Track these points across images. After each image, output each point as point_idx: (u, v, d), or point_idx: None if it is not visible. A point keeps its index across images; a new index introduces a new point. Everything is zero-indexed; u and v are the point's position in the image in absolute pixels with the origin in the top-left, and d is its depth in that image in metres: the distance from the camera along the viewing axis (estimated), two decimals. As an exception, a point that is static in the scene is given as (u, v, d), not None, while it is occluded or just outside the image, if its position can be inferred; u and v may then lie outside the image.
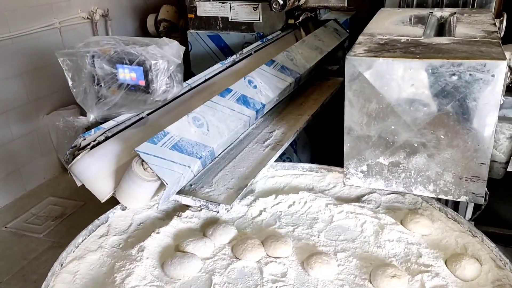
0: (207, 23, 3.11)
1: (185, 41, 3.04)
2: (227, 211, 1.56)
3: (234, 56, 2.37)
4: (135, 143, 1.51)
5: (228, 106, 1.79)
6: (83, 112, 1.74)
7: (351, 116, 1.50)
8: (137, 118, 1.75)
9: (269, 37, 2.80)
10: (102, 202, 1.58)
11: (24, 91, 3.50)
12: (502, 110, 1.70)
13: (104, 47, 1.63)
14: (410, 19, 1.90)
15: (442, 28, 1.92)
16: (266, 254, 1.48)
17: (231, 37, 3.08)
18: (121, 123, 1.68)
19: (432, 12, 2.01)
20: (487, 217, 2.12)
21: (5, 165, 3.44)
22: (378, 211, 1.67)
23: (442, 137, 1.42)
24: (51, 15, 3.63)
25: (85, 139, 1.54)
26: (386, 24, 1.83)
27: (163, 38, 1.71)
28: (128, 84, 1.64)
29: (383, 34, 1.65)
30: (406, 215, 1.62)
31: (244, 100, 1.88)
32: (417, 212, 1.65)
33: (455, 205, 2.10)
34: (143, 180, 1.45)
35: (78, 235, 1.56)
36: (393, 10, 2.17)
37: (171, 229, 1.60)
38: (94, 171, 1.55)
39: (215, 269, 1.43)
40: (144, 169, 1.43)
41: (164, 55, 1.61)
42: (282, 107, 2.35)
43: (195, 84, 2.06)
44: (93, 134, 1.57)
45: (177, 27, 4.20)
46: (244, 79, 1.97)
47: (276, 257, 1.46)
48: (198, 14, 3.11)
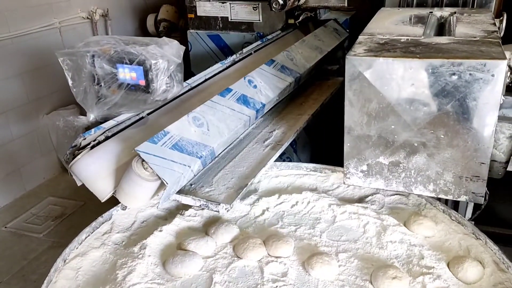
0: (207, 23, 3.11)
1: (185, 41, 3.04)
2: (227, 210, 1.56)
3: (234, 56, 2.37)
4: (135, 142, 1.51)
5: (228, 105, 1.79)
6: (83, 112, 1.74)
7: (351, 115, 1.50)
8: (137, 117, 1.75)
9: (269, 37, 2.80)
10: (102, 201, 1.58)
11: (24, 91, 3.50)
12: (502, 109, 1.70)
13: (104, 47, 1.63)
14: (410, 19, 1.90)
15: (442, 28, 1.92)
16: (268, 254, 1.48)
17: (231, 37, 3.08)
18: (121, 123, 1.68)
19: (432, 12, 2.01)
20: (487, 216, 2.12)
21: (5, 165, 3.44)
22: (381, 212, 1.67)
23: (442, 136, 1.42)
24: (51, 15, 3.63)
25: (85, 139, 1.54)
26: (386, 24, 1.83)
27: (163, 37, 1.71)
28: (128, 84, 1.64)
29: (383, 34, 1.65)
30: (409, 217, 1.61)
31: (244, 100, 1.88)
32: (421, 214, 1.64)
33: (455, 205, 2.10)
34: (143, 179, 1.45)
35: (82, 231, 1.57)
36: (393, 10, 2.17)
37: (173, 227, 1.61)
38: (94, 171, 1.55)
39: (216, 268, 1.43)
40: (144, 168, 1.43)
41: (164, 54, 1.61)
42: (282, 107, 2.35)
43: (195, 84, 2.06)
44: (93, 133, 1.57)
45: (177, 27, 4.20)
46: (244, 78, 1.97)
47: (277, 257, 1.46)
48: (198, 14, 3.11)
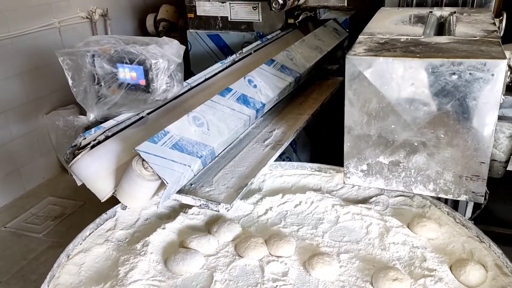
0: (207, 22, 3.11)
1: (184, 41, 3.04)
2: (228, 210, 1.56)
3: (234, 56, 2.37)
4: (136, 142, 1.50)
5: (228, 105, 1.79)
6: (83, 112, 1.74)
7: (351, 115, 1.50)
8: (137, 117, 1.75)
9: (268, 36, 2.80)
10: (102, 201, 1.58)
11: (24, 91, 3.50)
12: (502, 109, 1.70)
13: (104, 46, 1.63)
14: (410, 19, 1.90)
15: (441, 28, 1.92)
16: (269, 253, 1.48)
17: (230, 37, 3.08)
18: (121, 123, 1.68)
19: (431, 12, 2.01)
20: (486, 216, 2.12)
21: (5, 165, 3.44)
22: (385, 213, 1.66)
23: (442, 136, 1.42)
24: (51, 14, 3.62)
25: (85, 139, 1.54)
26: (386, 24, 1.83)
27: (163, 37, 1.71)
28: (128, 84, 1.64)
29: (383, 34, 1.65)
30: (413, 218, 1.60)
31: (244, 100, 1.88)
32: (425, 216, 1.63)
33: (455, 204, 2.10)
34: (144, 179, 1.45)
35: (86, 228, 1.58)
36: (392, 9, 2.17)
37: (176, 225, 1.61)
38: (94, 171, 1.55)
39: (217, 266, 1.44)
40: (144, 168, 1.43)
41: (164, 54, 1.61)
42: (282, 107, 2.35)
43: (195, 84, 2.06)
44: (93, 133, 1.57)
45: (177, 27, 4.20)
46: (244, 78, 1.97)
47: (278, 256, 1.47)
48: (198, 14, 3.11)
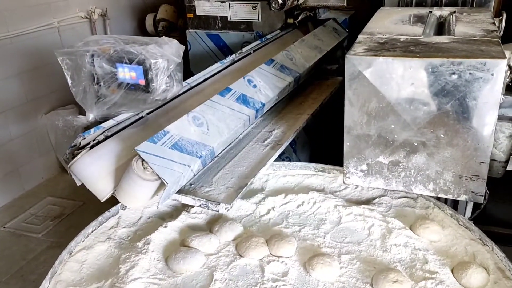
0: (206, 22, 3.11)
1: (184, 41, 3.04)
2: (227, 210, 1.56)
3: (234, 56, 2.37)
4: (135, 142, 1.50)
5: (228, 105, 1.79)
6: (82, 112, 1.73)
7: (351, 115, 1.50)
8: (137, 117, 1.75)
9: (268, 36, 2.80)
10: (102, 201, 1.58)
11: (23, 91, 3.49)
12: (502, 109, 1.70)
13: (104, 46, 1.63)
14: (409, 18, 1.90)
15: (441, 27, 1.92)
16: (270, 253, 1.48)
17: (230, 37, 3.07)
18: (120, 123, 1.68)
19: (431, 11, 2.01)
20: (486, 216, 2.12)
21: (4, 165, 3.43)
22: (387, 214, 1.65)
23: (442, 136, 1.42)
24: (50, 14, 3.62)
25: (84, 139, 1.54)
26: (385, 23, 1.83)
27: (163, 37, 1.71)
28: (127, 83, 1.64)
29: (383, 33, 1.65)
30: (416, 220, 1.59)
31: (243, 99, 1.87)
32: (428, 218, 1.62)
33: (455, 204, 2.10)
34: (143, 179, 1.44)
35: (88, 225, 1.59)
36: (392, 9, 2.16)
37: (178, 224, 1.62)
38: (94, 171, 1.54)
39: (217, 265, 1.44)
40: (144, 168, 1.42)
41: (164, 54, 1.61)
42: (282, 107, 2.35)
43: (195, 84, 2.06)
44: (92, 133, 1.56)
45: (176, 27, 4.19)
46: (244, 78, 1.97)
47: (278, 256, 1.46)
48: (197, 14, 3.10)
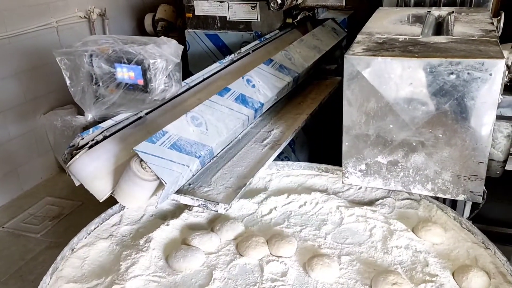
0: (205, 22, 3.11)
1: (183, 41, 3.03)
2: (226, 210, 1.56)
3: (232, 55, 2.37)
4: (134, 142, 1.50)
5: (227, 105, 1.79)
6: (81, 112, 1.73)
7: (350, 115, 1.50)
8: (136, 117, 1.75)
9: (267, 36, 2.80)
10: (101, 201, 1.58)
11: (21, 91, 3.49)
12: (500, 108, 1.70)
13: (102, 46, 1.62)
14: (408, 18, 1.90)
15: (440, 27, 1.92)
16: (270, 253, 1.48)
17: (229, 36, 3.07)
18: (119, 123, 1.68)
19: (430, 11, 2.01)
20: (484, 216, 2.12)
21: (2, 165, 3.43)
22: (390, 216, 1.65)
23: (440, 136, 1.42)
24: (48, 14, 3.62)
25: (83, 139, 1.54)
26: (384, 23, 1.83)
27: (162, 37, 1.70)
28: (126, 83, 1.64)
29: (381, 33, 1.65)
30: (418, 222, 1.59)
31: (242, 99, 1.87)
32: (430, 220, 1.62)
33: (453, 204, 2.10)
34: (142, 179, 1.44)
35: (91, 222, 1.59)
36: (391, 9, 2.16)
37: (180, 222, 1.62)
38: (93, 171, 1.54)
39: (217, 264, 1.44)
40: (142, 168, 1.42)
41: (163, 54, 1.61)
42: (281, 106, 2.35)
43: (194, 84, 2.06)
44: (91, 133, 1.56)
45: (175, 27, 4.19)
46: (243, 78, 1.97)
47: (278, 256, 1.46)
48: (196, 13, 3.10)
